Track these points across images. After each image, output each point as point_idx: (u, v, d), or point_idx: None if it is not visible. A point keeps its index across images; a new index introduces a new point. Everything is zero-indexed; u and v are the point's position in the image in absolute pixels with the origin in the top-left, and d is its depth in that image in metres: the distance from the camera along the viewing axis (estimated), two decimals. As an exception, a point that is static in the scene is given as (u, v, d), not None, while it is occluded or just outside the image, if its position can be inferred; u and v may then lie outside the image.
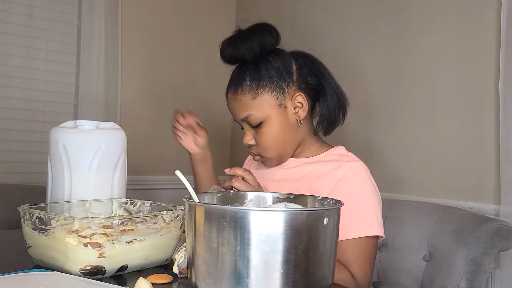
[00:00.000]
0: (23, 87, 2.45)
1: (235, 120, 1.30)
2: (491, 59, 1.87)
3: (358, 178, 1.22)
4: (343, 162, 1.24)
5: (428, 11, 2.10)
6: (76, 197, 1.16)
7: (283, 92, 1.23)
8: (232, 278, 0.72)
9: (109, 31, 2.59)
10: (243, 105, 1.24)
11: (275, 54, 1.25)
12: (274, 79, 1.22)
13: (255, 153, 1.28)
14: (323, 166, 1.26)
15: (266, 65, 1.23)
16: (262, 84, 1.22)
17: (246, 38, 1.24)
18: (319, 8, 2.56)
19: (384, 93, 2.24)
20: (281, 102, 1.23)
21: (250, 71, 1.24)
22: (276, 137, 1.24)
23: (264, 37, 1.23)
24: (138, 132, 2.66)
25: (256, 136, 1.25)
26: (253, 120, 1.23)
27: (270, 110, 1.23)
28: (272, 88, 1.22)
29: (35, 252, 0.99)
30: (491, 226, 1.49)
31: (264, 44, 1.23)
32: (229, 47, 1.25)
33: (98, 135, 1.20)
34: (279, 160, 1.29)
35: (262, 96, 1.22)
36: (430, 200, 1.94)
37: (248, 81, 1.23)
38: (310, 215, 0.74)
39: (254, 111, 1.23)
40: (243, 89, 1.23)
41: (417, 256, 1.58)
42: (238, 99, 1.24)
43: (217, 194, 0.95)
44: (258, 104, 1.22)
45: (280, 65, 1.24)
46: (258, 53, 1.23)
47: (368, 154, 2.18)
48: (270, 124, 1.23)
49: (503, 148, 1.78)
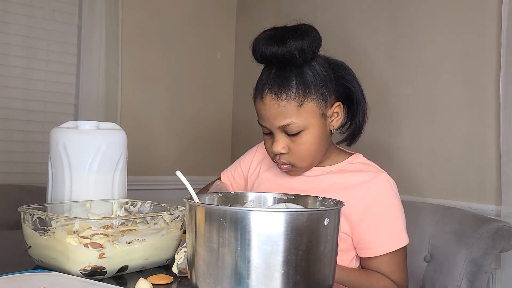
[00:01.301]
0: (23, 88, 2.45)
1: (263, 125, 1.20)
2: (492, 59, 1.87)
3: (390, 193, 1.22)
4: (369, 173, 1.23)
5: (429, 11, 2.10)
6: (77, 197, 1.16)
7: (326, 101, 1.17)
8: (233, 279, 0.72)
9: (110, 31, 2.59)
10: (286, 112, 1.14)
11: (317, 60, 1.18)
12: (319, 87, 1.16)
13: (285, 161, 1.20)
14: (349, 177, 1.23)
15: (311, 70, 1.15)
16: (308, 91, 1.14)
17: (298, 37, 1.11)
18: (320, 9, 2.56)
19: (384, 93, 2.24)
20: (323, 111, 1.18)
21: (296, 75, 1.14)
22: (314, 146, 1.18)
23: (315, 39, 1.14)
24: (138, 133, 2.66)
25: (291, 144, 1.17)
26: (294, 129, 1.15)
27: (312, 119, 1.16)
28: (317, 96, 1.15)
29: (35, 253, 0.98)
30: (492, 227, 1.49)
31: (315, 48, 1.15)
32: (274, 44, 1.12)
33: (98, 136, 1.20)
34: (307, 169, 1.25)
35: (308, 104, 1.15)
36: (431, 200, 1.94)
37: (294, 86, 1.13)
38: (311, 216, 0.74)
39: (298, 119, 1.14)
40: (289, 95, 1.13)
41: (418, 257, 1.58)
42: (281, 105, 1.14)
43: (217, 195, 0.95)
44: (303, 112, 1.14)
45: (324, 72, 1.17)
46: (309, 57, 1.14)
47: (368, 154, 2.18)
48: (310, 133, 1.16)
49: (504, 149, 1.78)
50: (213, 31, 3.04)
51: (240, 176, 1.46)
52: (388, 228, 1.20)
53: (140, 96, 2.78)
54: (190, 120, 2.95)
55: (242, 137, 3.03)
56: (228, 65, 3.11)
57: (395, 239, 1.20)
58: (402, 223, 1.23)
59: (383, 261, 1.19)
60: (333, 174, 1.25)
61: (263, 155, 1.39)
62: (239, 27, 3.09)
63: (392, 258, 1.19)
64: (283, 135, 1.17)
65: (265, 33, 1.16)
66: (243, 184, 1.45)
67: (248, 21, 3.03)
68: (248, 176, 1.43)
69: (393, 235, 1.20)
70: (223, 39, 3.07)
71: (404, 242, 1.21)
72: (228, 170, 1.50)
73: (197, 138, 2.95)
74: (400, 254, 1.21)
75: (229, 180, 1.48)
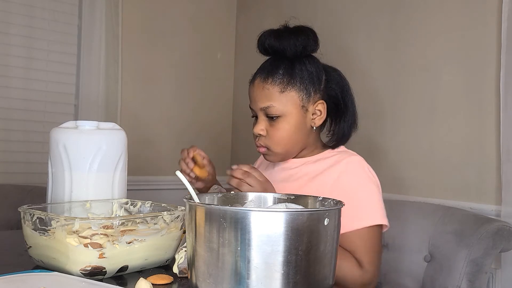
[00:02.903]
0: (23, 88, 2.45)
1: (251, 107, 1.33)
2: (492, 59, 1.87)
3: (358, 172, 1.27)
4: (341, 158, 1.29)
5: (429, 11, 2.10)
6: (77, 197, 1.16)
7: (309, 95, 1.28)
8: (233, 279, 0.72)
9: (110, 31, 2.59)
10: (269, 95, 1.26)
11: (311, 59, 1.30)
12: (304, 81, 1.27)
13: (262, 144, 1.30)
14: (322, 163, 1.30)
15: (301, 65, 1.28)
16: (293, 81, 1.26)
17: (292, 34, 1.27)
18: (320, 9, 2.56)
19: (384, 94, 2.24)
20: (304, 104, 1.28)
21: (285, 66, 1.27)
22: (288, 134, 1.27)
23: (309, 40, 1.27)
24: (138, 133, 2.66)
25: (269, 128, 1.28)
26: (273, 112, 1.26)
27: (292, 108, 1.27)
28: (301, 89, 1.27)
29: (35, 253, 0.98)
30: (492, 227, 1.49)
31: (307, 45, 1.27)
32: (272, 37, 1.28)
33: (98, 136, 1.20)
34: (282, 157, 1.33)
35: (290, 92, 1.26)
36: (431, 200, 1.94)
37: (280, 74, 1.26)
38: (311, 216, 0.74)
39: (277, 103, 1.26)
40: (274, 80, 1.26)
41: (418, 257, 1.58)
42: (266, 87, 1.27)
43: (217, 195, 0.95)
44: (283, 99, 1.26)
45: (313, 71, 1.29)
46: (299, 51, 1.27)
47: (369, 154, 2.17)
48: (288, 121, 1.27)
49: (504, 149, 1.78)
50: (213, 31, 3.04)
51: None
52: (355, 206, 1.19)
53: (140, 96, 2.78)
54: (190, 120, 2.95)
55: (242, 137, 3.03)
56: (228, 65, 3.10)
57: (365, 216, 1.20)
58: (377, 202, 1.24)
59: (352, 238, 1.18)
60: (309, 163, 1.32)
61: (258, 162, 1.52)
62: (239, 27, 3.09)
63: (358, 237, 1.18)
64: (264, 118, 1.29)
65: (270, 29, 1.30)
66: None
67: (248, 21, 3.03)
68: None
69: (360, 213, 1.20)
70: (223, 39, 3.07)
71: (377, 220, 1.21)
72: None
73: (197, 138, 2.95)
74: (372, 234, 1.20)
75: None
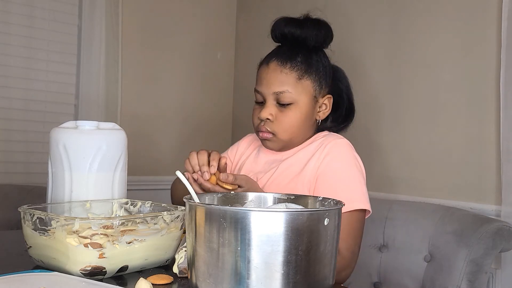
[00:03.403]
0: (23, 88, 2.45)
1: (259, 90, 1.29)
2: (492, 59, 1.87)
3: (342, 155, 1.27)
4: (327, 141, 1.29)
5: (429, 11, 2.10)
6: (77, 197, 1.16)
7: (321, 88, 1.29)
8: (233, 279, 0.72)
9: (110, 31, 2.59)
10: (286, 79, 1.25)
11: (324, 54, 1.33)
12: (319, 73, 1.28)
13: (269, 129, 1.27)
14: (310, 149, 1.30)
15: (318, 57, 1.29)
16: (310, 71, 1.27)
17: (316, 25, 1.28)
18: (320, 9, 2.56)
19: (384, 94, 2.24)
20: (316, 95, 1.29)
21: (303, 54, 1.27)
22: (298, 122, 1.27)
23: (329, 33, 1.30)
24: (138, 133, 2.66)
25: (279, 114, 1.27)
26: (287, 97, 1.25)
27: (305, 97, 1.27)
28: (315, 80, 1.28)
29: (35, 253, 0.98)
30: (492, 227, 1.49)
31: (327, 38, 1.30)
32: (294, 24, 1.28)
33: (98, 136, 1.20)
34: (284, 145, 1.31)
35: (306, 81, 1.26)
36: (431, 200, 1.94)
37: (299, 62, 1.26)
38: (311, 216, 0.74)
39: (293, 90, 1.25)
40: (292, 65, 1.26)
41: (418, 257, 1.58)
42: (283, 72, 1.26)
43: (217, 195, 0.95)
44: (299, 86, 1.26)
45: (327, 65, 1.31)
46: (319, 43, 1.28)
47: (369, 154, 2.18)
48: (299, 109, 1.26)
49: (504, 148, 1.78)
50: (213, 31, 3.04)
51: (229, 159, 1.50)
52: (337, 189, 1.19)
53: (140, 96, 2.78)
54: (190, 120, 2.95)
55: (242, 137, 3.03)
56: (228, 65, 3.10)
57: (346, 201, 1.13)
58: (359, 186, 1.22)
59: None
60: (298, 151, 1.31)
61: (245, 146, 1.49)
62: (239, 27, 3.08)
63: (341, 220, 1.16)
64: (274, 103, 1.27)
65: (286, 16, 1.32)
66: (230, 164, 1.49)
67: (248, 21, 3.02)
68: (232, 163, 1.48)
69: (346, 196, 1.15)
70: (223, 39, 3.07)
71: (358, 205, 1.19)
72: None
73: (197, 138, 2.95)
74: (352, 219, 1.18)
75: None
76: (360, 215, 1.21)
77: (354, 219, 1.19)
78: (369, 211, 1.22)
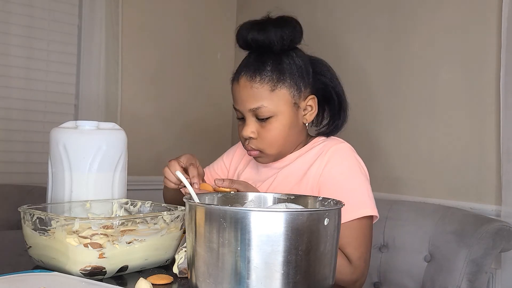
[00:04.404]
0: (23, 88, 2.45)
1: (236, 108, 1.23)
2: (492, 58, 1.87)
3: (345, 160, 1.20)
4: (328, 146, 1.23)
5: (429, 11, 2.10)
6: (77, 197, 1.16)
7: (299, 91, 1.20)
8: (233, 279, 0.72)
9: (110, 31, 2.59)
10: (258, 95, 1.17)
11: (297, 52, 1.22)
12: (294, 76, 1.19)
13: (254, 147, 1.21)
14: (310, 154, 1.24)
15: (289, 59, 1.19)
16: (283, 78, 1.18)
17: (278, 26, 1.18)
18: (320, 8, 2.56)
19: (384, 93, 2.24)
20: (296, 101, 1.20)
21: (272, 61, 1.18)
22: (282, 134, 1.20)
23: (296, 31, 1.20)
24: (138, 133, 2.66)
25: (261, 130, 1.19)
26: (264, 113, 1.18)
27: (284, 107, 1.18)
28: (291, 85, 1.19)
29: (35, 253, 0.98)
30: (492, 227, 1.49)
31: (294, 38, 1.19)
32: (255, 30, 1.18)
33: (98, 136, 1.20)
34: (276, 158, 1.25)
35: (281, 90, 1.18)
36: (431, 200, 1.94)
37: (269, 71, 1.17)
38: (311, 216, 0.74)
39: (268, 103, 1.17)
40: (262, 78, 1.17)
41: (418, 257, 1.58)
42: (254, 87, 1.17)
43: (217, 195, 0.95)
44: (274, 98, 1.17)
45: (302, 64, 1.21)
46: (286, 45, 1.18)
47: (369, 154, 2.18)
48: (280, 121, 1.19)
49: (504, 149, 1.78)
50: (213, 31, 3.04)
51: (221, 169, 1.46)
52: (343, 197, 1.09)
53: (140, 96, 2.78)
54: (190, 120, 2.95)
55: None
56: (228, 65, 3.10)
57: (354, 208, 1.12)
58: (366, 192, 1.17)
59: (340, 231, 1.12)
60: (298, 158, 1.25)
61: (242, 153, 1.40)
62: (239, 27, 3.08)
63: (348, 230, 1.11)
64: (253, 119, 1.20)
65: (249, 21, 1.21)
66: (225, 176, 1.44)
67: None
68: (229, 170, 1.43)
69: (353, 203, 1.12)
70: (223, 39, 3.07)
71: (367, 211, 1.14)
72: (210, 166, 1.50)
73: (197, 138, 2.95)
74: (361, 226, 1.13)
75: (211, 174, 1.47)
76: (369, 221, 1.17)
77: (364, 225, 1.14)
78: (377, 216, 1.18)
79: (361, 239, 1.14)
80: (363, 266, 1.14)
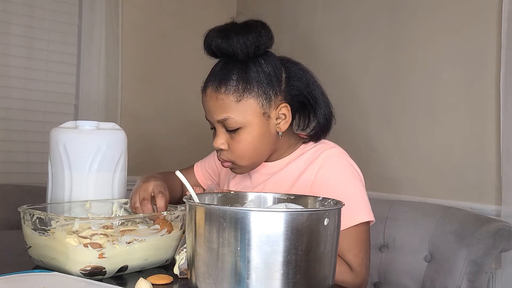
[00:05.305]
0: (23, 88, 2.46)
1: (207, 118, 1.20)
2: (492, 59, 1.87)
3: (337, 166, 1.17)
4: (319, 151, 1.19)
5: (429, 11, 2.10)
6: (77, 197, 1.16)
7: (269, 100, 1.14)
8: (233, 279, 0.72)
9: (110, 31, 2.59)
10: (224, 106, 1.12)
11: (267, 57, 1.15)
12: (262, 85, 1.13)
13: (225, 159, 1.17)
14: (301, 160, 1.20)
15: (256, 67, 1.13)
16: (249, 87, 1.12)
17: (241, 33, 1.11)
18: (320, 8, 2.56)
19: (384, 94, 2.24)
20: (265, 110, 1.14)
21: (238, 70, 1.13)
22: (253, 146, 1.14)
23: (261, 36, 1.12)
24: (138, 133, 2.66)
25: (230, 141, 1.15)
26: (232, 124, 1.13)
27: (252, 117, 1.13)
28: (259, 94, 1.12)
29: (35, 253, 0.98)
30: (492, 227, 1.49)
31: (260, 44, 1.12)
32: (219, 38, 1.12)
33: (98, 136, 1.20)
34: (250, 168, 1.21)
35: (247, 100, 1.12)
36: (431, 200, 1.94)
37: (234, 81, 1.12)
38: (311, 216, 0.74)
39: (235, 114, 1.12)
40: (227, 89, 1.12)
41: (418, 257, 1.58)
42: (219, 98, 1.13)
43: (217, 195, 0.95)
44: (241, 108, 1.12)
45: (270, 71, 1.14)
46: (251, 52, 1.12)
47: (368, 154, 2.18)
48: (249, 132, 1.13)
49: (504, 149, 1.78)
50: (213, 31, 3.04)
51: (213, 169, 1.44)
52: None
53: (140, 96, 2.78)
54: (190, 120, 2.95)
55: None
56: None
57: (351, 215, 1.09)
58: (361, 197, 1.14)
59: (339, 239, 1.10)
60: (289, 164, 1.21)
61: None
62: (239, 27, 3.08)
63: (346, 237, 1.09)
64: (223, 130, 1.15)
65: (215, 27, 1.15)
66: (216, 176, 1.43)
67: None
68: (220, 174, 1.40)
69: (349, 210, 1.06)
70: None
71: (363, 217, 1.12)
72: (202, 161, 1.48)
73: (197, 138, 2.95)
74: (359, 232, 1.12)
75: (201, 171, 1.45)
76: (366, 226, 1.15)
77: (361, 231, 1.13)
78: (373, 220, 1.16)
79: (360, 245, 1.13)
80: (365, 272, 1.13)
